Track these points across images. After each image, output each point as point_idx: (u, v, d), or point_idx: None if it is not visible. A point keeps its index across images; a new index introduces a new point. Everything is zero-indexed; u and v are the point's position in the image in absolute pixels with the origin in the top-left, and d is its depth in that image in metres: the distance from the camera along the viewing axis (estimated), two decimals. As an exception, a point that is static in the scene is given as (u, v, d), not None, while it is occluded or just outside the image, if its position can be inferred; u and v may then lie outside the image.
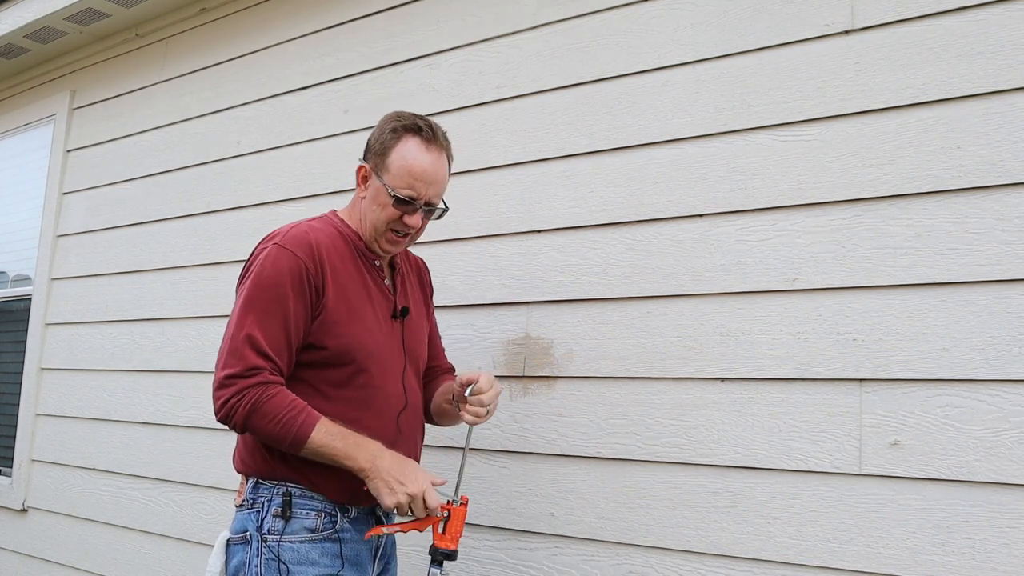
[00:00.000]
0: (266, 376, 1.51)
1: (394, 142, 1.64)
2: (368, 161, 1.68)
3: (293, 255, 1.56)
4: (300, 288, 1.56)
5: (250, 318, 1.54)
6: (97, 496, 3.02)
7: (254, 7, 2.87)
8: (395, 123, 1.66)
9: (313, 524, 1.58)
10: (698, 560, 1.70)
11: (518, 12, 2.17)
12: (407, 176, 1.63)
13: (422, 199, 1.64)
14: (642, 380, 1.83)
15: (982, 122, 1.52)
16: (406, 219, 1.65)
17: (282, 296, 1.54)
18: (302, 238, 1.59)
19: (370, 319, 1.65)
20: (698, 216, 1.81)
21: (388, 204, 1.64)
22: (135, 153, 3.17)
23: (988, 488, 1.44)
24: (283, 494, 1.58)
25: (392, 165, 1.63)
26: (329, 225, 1.68)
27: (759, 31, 1.78)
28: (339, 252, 1.64)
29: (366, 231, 1.68)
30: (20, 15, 3.32)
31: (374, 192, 1.66)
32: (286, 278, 1.55)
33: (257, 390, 1.50)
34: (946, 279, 1.52)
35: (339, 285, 1.61)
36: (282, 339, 1.55)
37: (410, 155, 1.63)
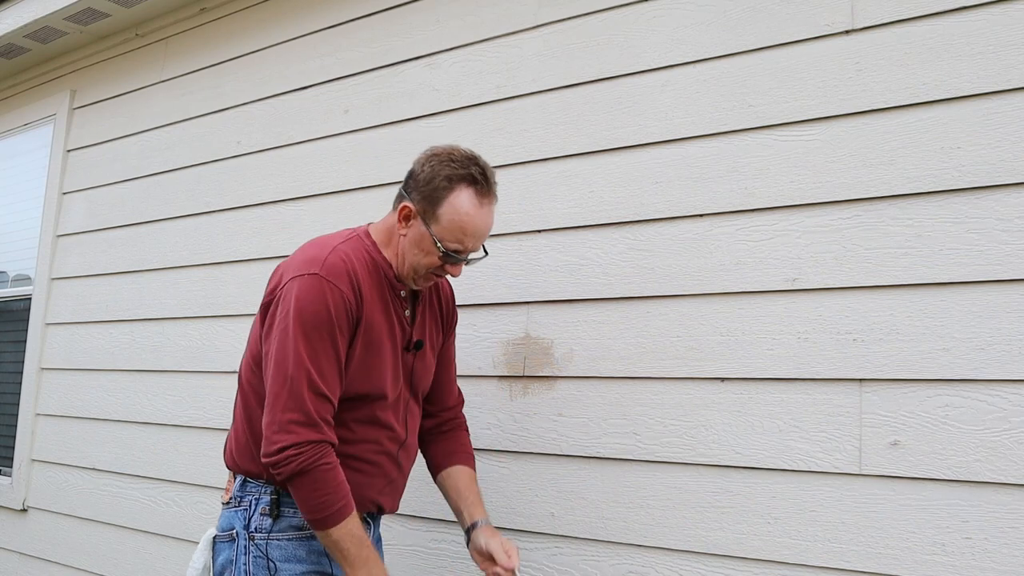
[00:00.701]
0: (326, 434, 1.49)
1: (447, 192, 1.57)
2: (414, 202, 1.60)
3: (337, 289, 1.52)
4: (346, 324, 1.54)
5: (306, 356, 1.49)
6: (97, 496, 3.02)
7: (254, 7, 2.87)
8: (449, 169, 1.58)
9: (300, 522, 1.57)
10: (698, 560, 1.70)
11: (518, 12, 2.17)
12: (458, 232, 1.58)
13: (468, 252, 1.62)
14: (642, 380, 1.83)
15: (982, 122, 1.52)
16: (448, 268, 1.63)
17: (333, 334, 1.51)
18: (342, 268, 1.55)
19: (386, 355, 1.63)
20: (698, 216, 1.81)
21: (434, 254, 1.59)
22: (135, 153, 3.17)
23: (988, 488, 1.44)
24: (271, 492, 1.58)
25: (443, 217, 1.57)
26: (363, 250, 1.63)
27: (759, 31, 1.78)
28: (371, 282, 1.60)
29: (403, 268, 1.64)
30: (20, 15, 3.32)
31: (418, 237, 1.60)
32: (334, 315, 1.51)
33: (317, 452, 1.47)
34: (946, 279, 1.52)
35: (367, 320, 1.58)
36: (337, 379, 1.53)
37: (463, 209, 1.57)
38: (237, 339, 2.63)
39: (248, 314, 2.60)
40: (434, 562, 2.06)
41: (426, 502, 2.10)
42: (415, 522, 2.12)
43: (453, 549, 2.04)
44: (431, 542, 2.08)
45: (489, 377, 2.05)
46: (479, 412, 2.05)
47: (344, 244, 1.62)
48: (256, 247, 2.66)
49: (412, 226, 1.60)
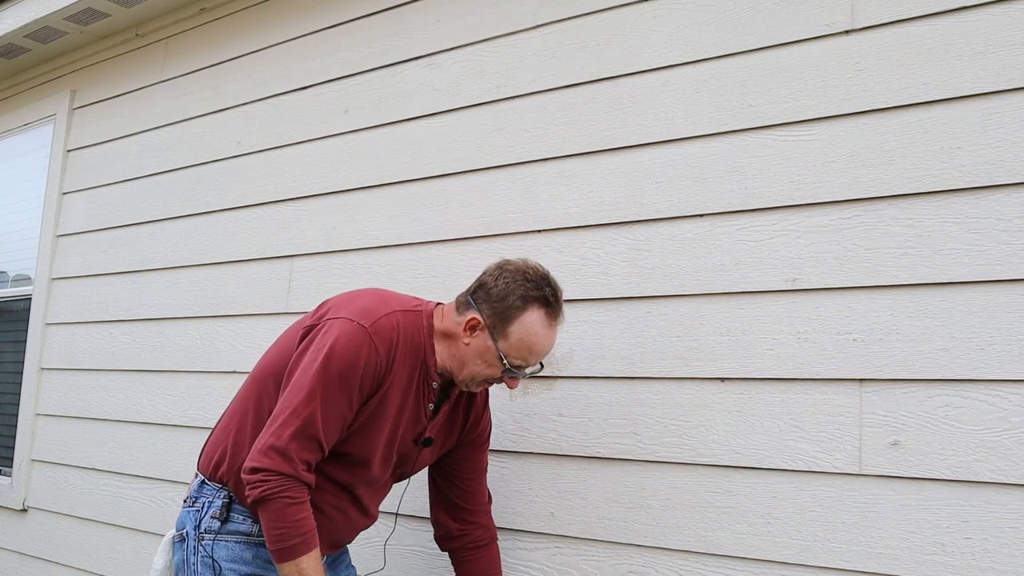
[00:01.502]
0: (299, 471, 1.48)
1: (520, 312, 1.58)
2: (483, 314, 1.60)
3: (375, 349, 1.53)
4: (367, 384, 1.54)
5: (318, 399, 1.49)
6: (97, 496, 3.02)
7: (254, 7, 2.87)
8: (524, 289, 1.59)
9: (248, 529, 1.59)
10: (698, 560, 1.70)
11: (518, 12, 2.17)
12: (525, 351, 1.60)
13: (530, 367, 1.64)
14: (642, 380, 1.83)
15: (982, 122, 1.52)
16: (507, 381, 1.65)
17: (352, 388, 1.52)
18: (390, 334, 1.56)
19: (390, 433, 1.62)
20: (698, 216, 1.81)
21: (496, 367, 1.61)
22: (135, 153, 3.17)
23: (988, 488, 1.44)
24: (224, 497, 1.60)
25: (512, 336, 1.59)
26: (418, 328, 1.62)
27: (759, 31, 1.78)
28: (408, 360, 1.60)
29: (460, 373, 1.64)
30: (20, 15, 3.32)
31: (483, 349, 1.60)
32: (362, 372, 1.52)
33: (282, 483, 1.47)
34: (946, 279, 1.52)
35: (386, 393, 1.58)
36: (337, 431, 1.54)
37: (532, 331, 1.59)
38: (237, 339, 2.63)
39: (248, 314, 2.60)
40: (434, 562, 2.06)
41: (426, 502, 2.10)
42: (415, 522, 2.12)
43: (453, 549, 2.04)
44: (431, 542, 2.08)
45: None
46: (479, 412, 2.05)
47: (403, 314, 1.61)
48: (256, 247, 2.66)
49: (477, 337, 1.61)
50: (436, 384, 1.66)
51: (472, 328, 1.61)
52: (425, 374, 1.63)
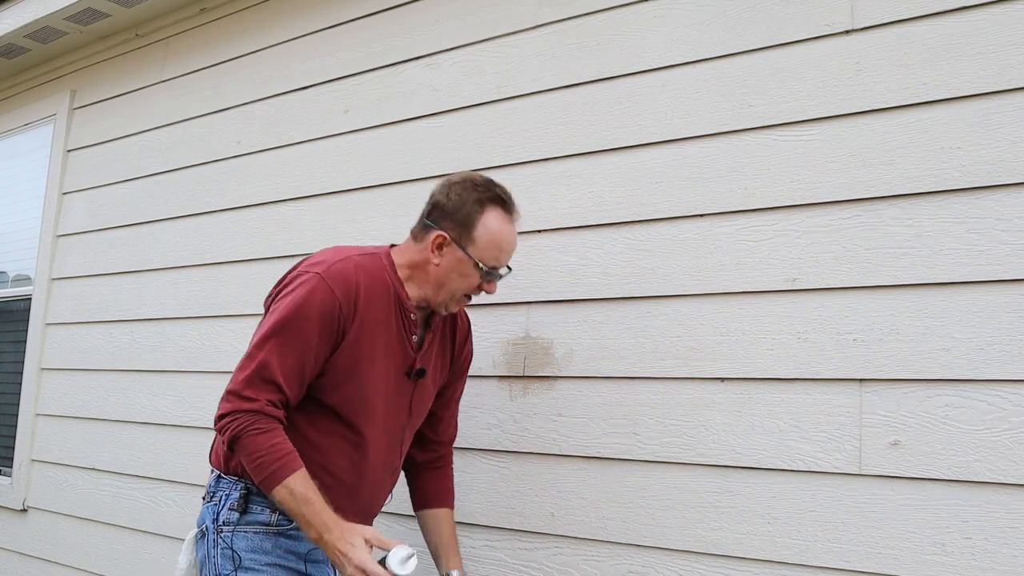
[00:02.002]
0: (262, 406, 1.50)
1: (479, 214, 1.64)
2: (447, 230, 1.65)
3: (331, 292, 1.55)
4: (328, 327, 1.55)
5: (271, 343, 1.53)
6: (97, 496, 3.02)
7: (254, 7, 2.87)
8: (476, 193, 1.65)
9: (268, 519, 1.60)
10: (698, 560, 1.70)
11: (518, 12, 2.17)
12: (495, 249, 1.66)
13: (502, 268, 1.69)
14: (642, 380, 1.83)
15: (982, 122, 1.52)
16: (486, 287, 1.70)
17: (309, 330, 1.54)
18: (346, 276, 1.58)
19: (378, 376, 1.63)
20: (698, 216, 1.81)
21: (473, 275, 1.66)
22: (135, 153, 3.17)
23: (988, 488, 1.44)
24: (242, 488, 1.60)
25: (480, 239, 1.64)
26: (379, 267, 1.66)
27: (759, 31, 1.78)
28: (377, 299, 1.62)
29: (438, 296, 1.68)
30: (20, 15, 3.32)
31: (455, 262, 1.65)
32: (317, 313, 1.54)
33: (248, 419, 1.49)
34: (946, 279, 1.52)
35: (359, 330, 1.59)
36: (295, 372, 1.54)
37: (496, 228, 1.65)
38: (237, 339, 2.63)
39: (248, 314, 2.60)
40: (434, 562, 2.06)
41: (426, 502, 2.10)
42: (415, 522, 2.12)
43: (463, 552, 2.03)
44: (431, 542, 2.08)
45: (489, 377, 2.05)
46: (479, 412, 2.05)
47: (361, 257, 1.65)
48: (256, 247, 2.66)
49: (446, 253, 1.65)
50: (415, 316, 1.68)
51: (440, 246, 1.65)
52: (401, 308, 1.65)
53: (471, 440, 2.05)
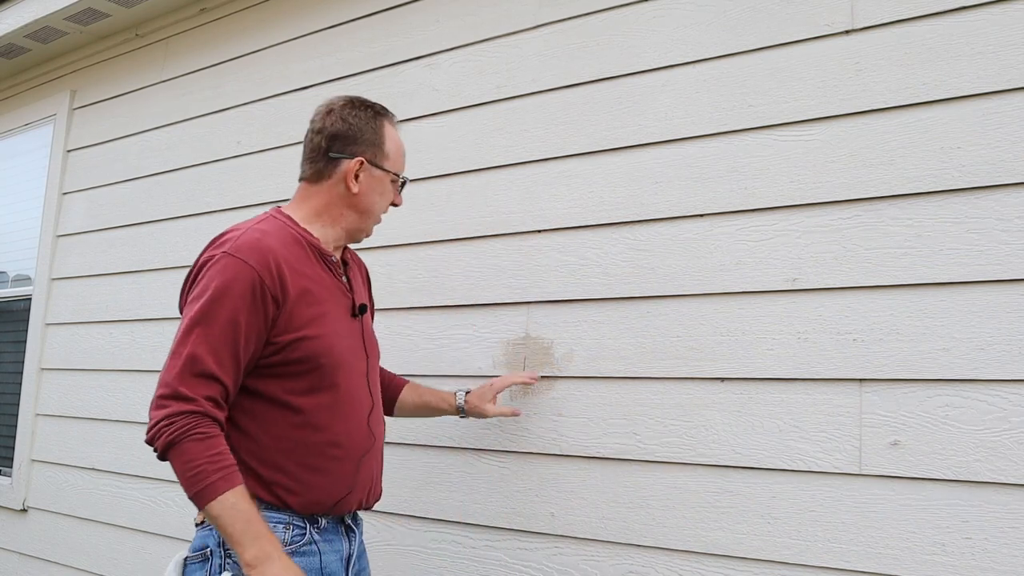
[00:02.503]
0: (202, 406, 1.39)
1: (380, 129, 1.65)
2: (361, 154, 1.62)
3: (245, 265, 1.45)
4: (254, 302, 1.45)
5: (197, 334, 1.42)
6: (97, 496, 3.02)
7: (254, 7, 2.87)
8: (367, 112, 1.65)
9: (281, 538, 1.46)
10: (698, 560, 1.70)
11: (518, 12, 2.17)
12: (400, 157, 1.70)
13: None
14: (642, 380, 1.83)
15: (982, 122, 1.52)
16: (396, 199, 1.72)
17: (233, 311, 1.43)
18: (255, 245, 1.48)
19: (335, 321, 1.58)
20: (698, 216, 1.81)
21: (391, 191, 1.68)
22: (135, 153, 3.17)
23: (988, 488, 1.44)
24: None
25: (390, 152, 1.66)
26: (280, 227, 1.57)
27: (759, 31, 1.78)
28: (295, 255, 1.54)
29: (363, 224, 1.68)
30: (20, 15, 3.32)
31: (374, 183, 1.65)
32: (238, 291, 1.43)
33: (187, 421, 1.37)
34: (946, 279, 1.52)
35: (301, 290, 1.51)
36: (228, 357, 1.43)
37: (396, 137, 1.69)
38: (237, 339, 2.63)
39: (248, 314, 2.59)
40: (434, 562, 2.06)
41: (426, 502, 2.10)
42: (415, 522, 2.12)
43: (453, 549, 2.04)
44: (431, 542, 2.08)
45: (489, 377, 2.05)
46: (479, 412, 2.05)
47: (259, 224, 1.56)
48: (256, 247, 2.66)
49: (363, 177, 1.63)
50: (336, 259, 1.65)
51: (357, 173, 1.63)
52: (321, 255, 1.60)
53: (471, 440, 2.05)
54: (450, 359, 2.12)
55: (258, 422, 1.49)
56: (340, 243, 1.69)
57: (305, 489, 1.50)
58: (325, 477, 1.52)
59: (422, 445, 2.14)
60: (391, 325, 2.25)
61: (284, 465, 1.49)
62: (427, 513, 2.10)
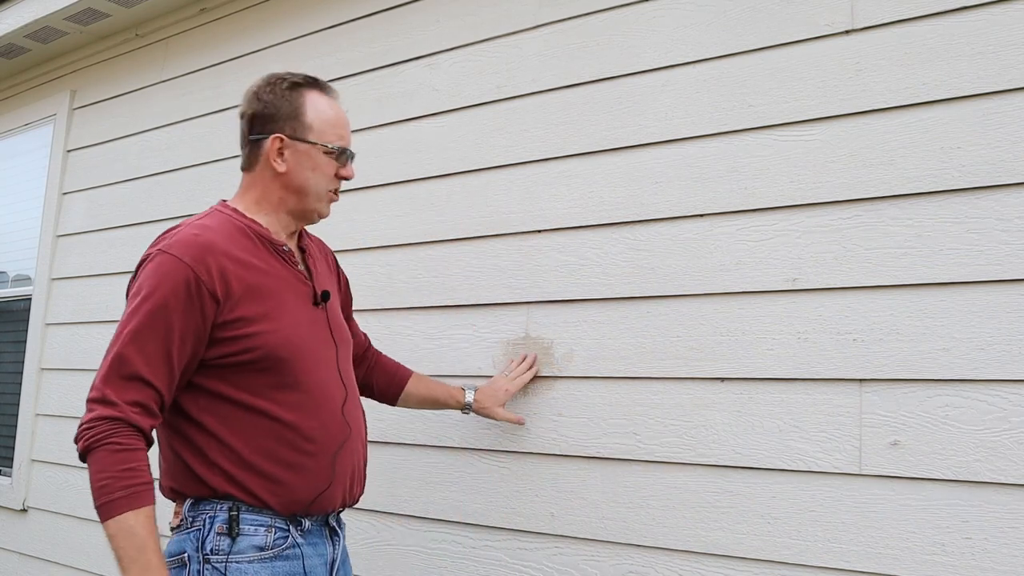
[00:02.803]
0: (124, 412, 1.34)
1: (299, 100, 1.55)
2: (279, 130, 1.53)
3: (179, 262, 1.40)
4: (188, 300, 1.39)
5: (126, 335, 1.38)
6: (97, 496, 3.02)
7: (254, 7, 2.87)
8: (285, 84, 1.55)
9: (263, 541, 1.42)
10: (698, 560, 1.70)
11: (518, 12, 2.17)
12: (332, 126, 1.56)
13: (349, 146, 1.59)
14: (642, 380, 1.83)
15: (982, 122, 1.52)
16: (342, 172, 1.58)
17: (165, 310, 1.38)
18: (191, 241, 1.43)
19: (293, 312, 1.51)
20: (698, 216, 1.81)
21: (327, 163, 1.55)
22: (135, 153, 3.17)
23: (988, 488, 1.44)
24: (229, 509, 1.42)
25: (313, 121, 1.54)
26: (223, 221, 1.52)
27: (759, 31, 1.78)
28: (241, 247, 1.48)
29: (303, 204, 1.57)
30: (20, 15, 3.32)
31: (302, 158, 1.54)
32: (170, 290, 1.38)
33: (106, 428, 1.33)
34: (946, 279, 1.52)
35: (248, 284, 1.45)
36: (160, 359, 1.37)
37: (324, 106, 1.56)
38: (237, 339, 2.63)
39: (248, 314, 2.60)
40: (434, 562, 2.06)
41: (426, 502, 2.10)
42: (415, 522, 2.12)
43: (453, 549, 2.04)
44: (431, 542, 2.08)
45: (489, 377, 2.05)
46: (479, 412, 2.05)
47: (200, 219, 1.52)
48: (256, 247, 2.66)
49: (289, 155, 1.54)
50: (288, 247, 1.57)
51: (280, 151, 1.53)
52: (270, 245, 1.54)
53: (471, 440, 2.05)
54: (450, 359, 2.12)
55: (227, 424, 1.44)
56: (292, 228, 1.61)
57: (282, 488, 1.44)
58: (301, 474, 1.46)
59: (422, 445, 2.14)
60: (391, 325, 2.25)
61: (258, 465, 1.43)
62: (427, 513, 2.10)
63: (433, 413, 2.10)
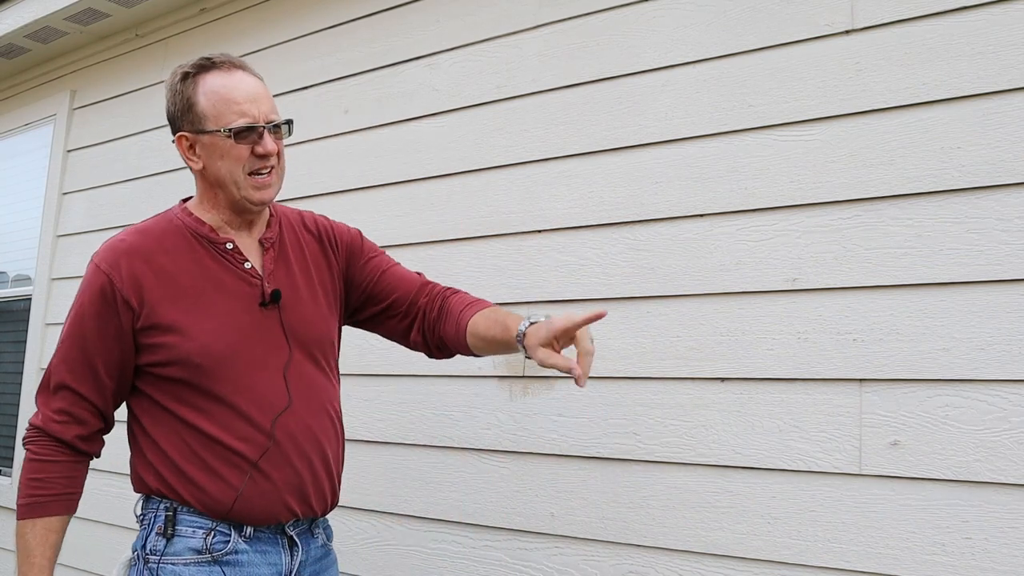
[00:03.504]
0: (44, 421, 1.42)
1: (192, 91, 1.45)
2: (182, 128, 1.47)
3: (97, 269, 1.43)
4: (104, 307, 1.40)
5: (58, 346, 1.45)
6: (97, 496, 3.02)
7: (254, 7, 2.87)
8: (180, 76, 1.47)
9: (200, 544, 1.38)
10: (698, 560, 1.70)
11: (518, 12, 2.17)
12: (227, 103, 1.43)
13: (260, 119, 1.44)
14: (642, 380, 1.83)
15: (982, 122, 1.52)
16: (258, 149, 1.44)
17: (84, 319, 1.42)
18: (113, 247, 1.44)
19: (222, 316, 1.43)
20: (698, 216, 1.81)
21: (231, 146, 1.43)
22: (135, 153, 3.17)
23: (988, 488, 1.44)
24: (167, 509, 1.41)
25: (206, 109, 1.43)
26: (165, 220, 1.50)
27: (759, 31, 1.78)
28: (169, 250, 1.44)
29: (230, 194, 1.46)
30: (20, 15, 3.32)
31: (208, 149, 1.44)
32: (89, 298, 1.42)
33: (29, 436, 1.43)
34: (946, 279, 1.52)
35: (165, 290, 1.41)
36: (84, 368, 1.42)
37: (214, 87, 1.44)
38: (237, 339, 2.63)
39: (248, 314, 2.60)
40: (434, 562, 2.06)
41: (427, 502, 2.10)
42: (415, 522, 2.12)
43: (453, 549, 2.04)
44: (431, 542, 2.08)
45: (489, 377, 2.05)
46: (479, 412, 2.05)
47: (144, 223, 1.51)
48: (256, 247, 2.66)
49: (199, 151, 1.46)
50: (233, 244, 1.49)
51: (190, 147, 1.47)
52: (210, 244, 1.48)
53: (471, 440, 2.05)
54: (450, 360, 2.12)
55: (159, 426, 1.47)
56: (238, 223, 1.51)
57: (203, 494, 1.40)
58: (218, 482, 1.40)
59: (422, 445, 2.14)
60: (391, 325, 2.24)
61: (183, 468, 1.42)
62: (427, 513, 2.10)
63: (433, 413, 2.11)
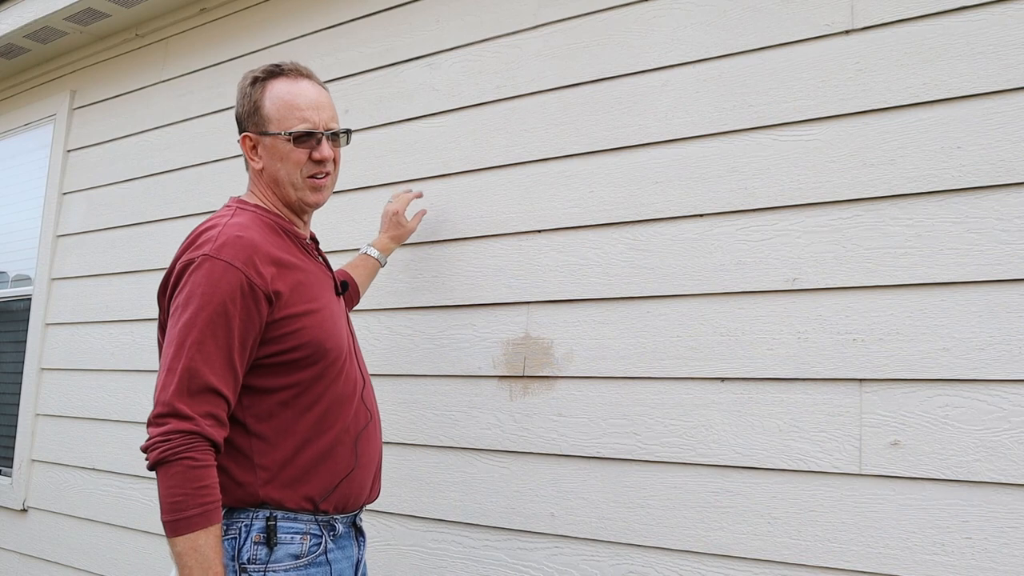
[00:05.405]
0: (200, 426, 1.33)
1: (260, 94, 1.55)
2: (247, 129, 1.56)
3: (230, 267, 1.39)
4: (245, 305, 1.39)
5: (190, 346, 1.35)
6: (97, 496, 3.02)
7: (254, 7, 2.87)
8: (251, 79, 1.57)
9: (299, 550, 1.43)
10: (698, 560, 1.70)
11: (518, 12, 2.17)
12: (291, 109, 1.53)
13: (320, 127, 1.55)
14: (642, 380, 1.83)
15: (982, 122, 1.52)
16: (316, 155, 1.55)
17: (226, 318, 1.37)
18: (236, 243, 1.42)
19: (328, 303, 1.54)
20: (698, 216, 1.81)
21: (292, 149, 1.53)
22: (135, 153, 3.17)
23: (988, 488, 1.44)
24: (266, 518, 1.42)
25: (271, 113, 1.53)
26: (253, 218, 1.52)
27: (759, 31, 1.78)
28: (276, 244, 1.49)
29: (287, 195, 1.57)
30: (20, 15, 3.32)
31: (271, 150, 1.54)
32: (227, 296, 1.37)
33: (182, 441, 1.31)
34: (946, 279, 1.52)
35: (290, 280, 1.47)
36: (225, 368, 1.37)
37: (280, 93, 1.54)
38: (237, 339, 2.63)
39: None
40: (434, 562, 2.07)
41: (426, 502, 2.10)
42: (415, 522, 2.12)
43: (453, 549, 2.04)
44: (431, 542, 2.08)
45: (489, 377, 2.05)
46: (479, 412, 2.05)
47: (231, 218, 1.49)
48: (256, 247, 2.66)
49: (261, 152, 1.56)
50: (308, 240, 1.61)
51: (253, 147, 1.56)
52: (294, 237, 1.57)
53: (471, 440, 2.05)
54: (450, 359, 2.12)
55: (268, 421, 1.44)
56: (299, 221, 1.62)
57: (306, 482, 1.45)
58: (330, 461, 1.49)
59: (422, 445, 2.14)
60: (391, 325, 2.25)
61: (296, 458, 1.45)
62: (427, 513, 2.10)
63: (433, 413, 2.10)
